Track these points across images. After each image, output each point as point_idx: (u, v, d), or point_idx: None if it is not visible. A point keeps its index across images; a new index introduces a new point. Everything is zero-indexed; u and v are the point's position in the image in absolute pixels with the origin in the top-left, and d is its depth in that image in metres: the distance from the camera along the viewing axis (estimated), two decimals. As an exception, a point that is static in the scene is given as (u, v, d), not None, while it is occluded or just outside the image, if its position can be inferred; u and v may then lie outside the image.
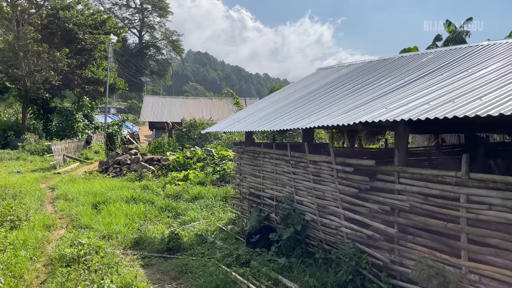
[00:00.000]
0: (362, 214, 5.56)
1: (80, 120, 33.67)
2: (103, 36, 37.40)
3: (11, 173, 20.87)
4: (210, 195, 11.25)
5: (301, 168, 6.74)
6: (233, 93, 30.56)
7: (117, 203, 10.36)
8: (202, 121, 25.37)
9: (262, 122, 7.68)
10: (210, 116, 31.43)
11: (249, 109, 10.05)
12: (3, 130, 29.76)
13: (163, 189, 13.23)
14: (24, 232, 7.28)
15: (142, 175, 15.72)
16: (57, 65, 30.86)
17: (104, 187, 13.16)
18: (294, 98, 8.80)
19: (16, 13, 29.20)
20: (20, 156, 25.48)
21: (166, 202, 10.65)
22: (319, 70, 11.24)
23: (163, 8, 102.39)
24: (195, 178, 14.07)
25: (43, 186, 16.58)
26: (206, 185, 13.52)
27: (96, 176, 16.33)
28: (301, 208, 6.87)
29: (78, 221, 8.84)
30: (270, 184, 7.89)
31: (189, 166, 15.96)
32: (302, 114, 6.93)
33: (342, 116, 5.67)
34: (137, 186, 13.70)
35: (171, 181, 14.11)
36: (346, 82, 8.27)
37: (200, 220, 9.33)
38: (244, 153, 8.93)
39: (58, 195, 12.77)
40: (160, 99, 40.55)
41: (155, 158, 17.62)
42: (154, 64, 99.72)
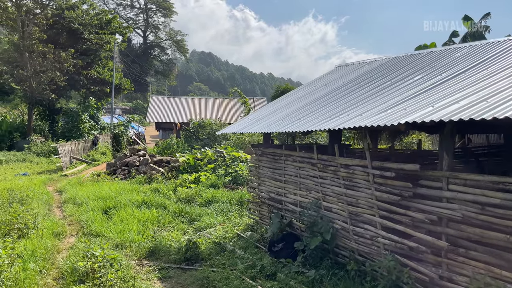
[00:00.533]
0: (402, 224, 5.05)
1: (86, 121, 33.34)
2: (109, 36, 37.07)
3: (17, 176, 20.53)
4: (225, 199, 10.77)
5: (330, 172, 6.24)
6: (241, 93, 30.10)
7: (128, 208, 9.91)
8: (210, 121, 24.92)
9: (284, 123, 7.19)
10: (218, 116, 30.98)
11: (265, 109, 9.55)
12: (9, 131, 29.49)
13: (174, 192, 12.78)
14: (32, 241, 6.84)
15: (151, 177, 15.27)
16: (63, 65, 30.54)
17: (113, 190, 12.72)
18: (315, 97, 8.30)
19: (21, 13, 28.91)
20: (26, 158, 25.17)
21: (179, 206, 10.18)
22: (338, 68, 10.72)
23: (167, 8, 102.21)
24: (207, 181, 13.60)
25: (50, 189, 16.20)
26: (218, 187, 13.05)
27: (104, 179, 15.91)
28: (330, 216, 6.37)
29: (88, 228, 8.39)
30: (293, 189, 7.39)
31: (199, 168, 15.50)
32: (330, 114, 6.43)
33: (380, 115, 5.16)
34: (147, 189, 13.26)
35: (182, 183, 13.66)
36: (372, 80, 7.75)
37: (216, 226, 8.85)
38: (263, 155, 8.44)
39: (66, 199, 12.35)
40: (166, 99, 40.15)
41: (164, 160, 17.18)
42: (158, 65, 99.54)
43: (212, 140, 23.62)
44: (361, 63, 9.96)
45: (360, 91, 7.30)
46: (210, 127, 24.43)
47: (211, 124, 24.70)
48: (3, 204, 11.64)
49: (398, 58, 8.86)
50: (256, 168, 8.76)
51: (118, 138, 33.68)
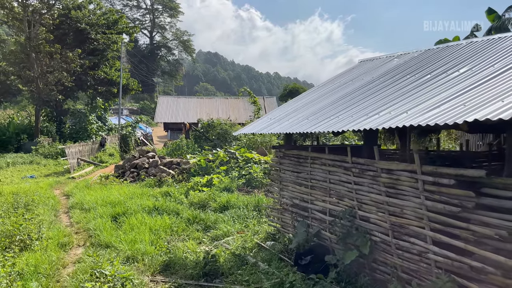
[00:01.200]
0: (461, 239, 4.31)
1: (93, 122, 32.91)
2: (116, 35, 36.60)
3: (24, 178, 20.06)
4: (241, 204, 10.08)
5: (368, 177, 5.52)
6: (250, 92, 29.41)
7: (138, 215, 9.27)
8: (220, 121, 24.27)
9: (310, 122, 6.48)
10: (228, 116, 30.33)
11: (285, 108, 8.84)
12: (16, 133, 29.13)
13: (186, 196, 12.14)
14: (35, 254, 6.21)
15: (161, 180, 14.65)
16: (70, 65, 30.10)
17: (122, 194, 12.11)
18: (342, 94, 7.57)
19: (28, 14, 28.51)
20: (34, 160, 24.74)
21: (192, 212, 9.52)
22: (362, 62, 9.98)
23: (173, 8, 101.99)
24: (220, 184, 12.93)
25: (57, 193, 15.65)
26: (232, 191, 12.38)
27: (113, 182, 15.32)
28: (367, 226, 5.65)
29: (96, 238, 7.75)
30: (321, 195, 6.67)
31: (211, 170, 14.84)
32: (366, 111, 5.71)
33: (433, 112, 4.43)
34: (157, 192, 12.63)
35: (193, 186, 13.01)
36: (407, 74, 7.01)
37: (234, 235, 8.17)
38: (285, 157, 7.74)
39: (74, 204, 11.76)
40: (174, 99, 39.60)
41: (174, 162, 16.55)
42: (165, 65, 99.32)
43: (222, 141, 22.95)
44: (388, 57, 9.21)
45: (395, 86, 6.57)
46: (220, 127, 23.77)
47: (220, 124, 24.03)
48: (7, 210, 11.09)
49: (432, 50, 8.10)
50: (277, 171, 8.06)
51: (125, 139, 33.19)
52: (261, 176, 13.48)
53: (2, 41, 28.52)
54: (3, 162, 23.39)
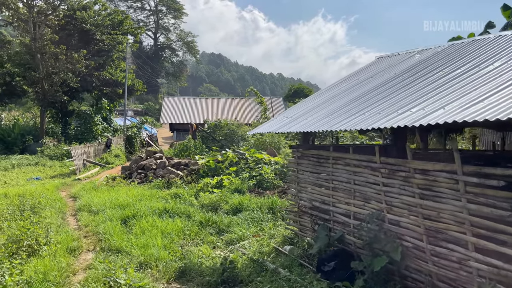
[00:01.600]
0: (509, 246, 3.94)
1: (98, 123, 32.71)
2: (121, 36, 36.43)
3: (29, 180, 19.83)
4: (254, 206, 9.73)
5: (399, 178, 5.15)
6: (257, 92, 29.08)
7: (149, 217, 8.95)
8: (227, 122, 23.94)
9: (333, 120, 6.13)
10: (234, 116, 30.01)
11: (301, 106, 8.49)
12: (21, 134, 28.96)
13: (196, 197, 11.82)
14: (44, 260, 5.90)
15: (170, 181, 14.33)
16: (75, 66, 29.93)
17: (131, 196, 11.80)
18: (363, 91, 7.21)
19: (33, 14, 28.37)
20: (39, 162, 24.53)
21: (205, 215, 9.18)
22: (380, 59, 9.61)
23: (177, 9, 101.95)
24: (230, 185, 12.60)
25: (64, 195, 15.38)
26: (243, 193, 12.04)
27: (120, 183, 15.02)
28: (397, 231, 5.28)
29: (107, 242, 7.43)
30: (345, 197, 6.31)
31: (221, 171, 14.51)
32: (394, 108, 5.35)
33: (475, 107, 4.07)
34: (166, 194, 12.31)
35: (203, 188, 12.68)
36: (434, 69, 6.63)
37: (249, 239, 7.82)
38: (303, 158, 7.39)
39: (81, 206, 11.46)
40: (180, 100, 39.33)
41: (183, 162, 16.23)
42: (169, 66, 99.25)
43: (229, 141, 22.62)
44: (408, 53, 8.83)
45: (422, 81, 6.20)
46: (227, 127, 23.44)
47: (227, 124, 23.71)
48: (14, 213, 10.82)
49: (456, 45, 7.71)
50: (295, 172, 7.70)
51: (131, 140, 32.94)
52: (272, 177, 13.13)
53: (7, 42, 28.37)
54: (9, 164, 23.19)
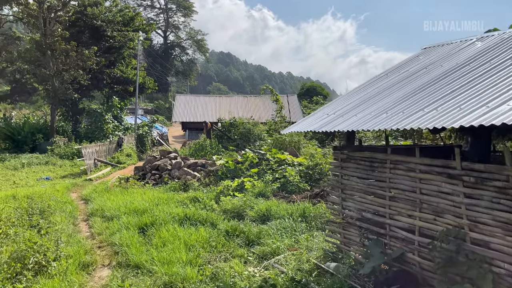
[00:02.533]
0: None
1: (109, 121, 32.00)
2: (132, 33, 35.69)
3: (39, 180, 19.13)
4: (283, 213, 8.77)
5: (491, 189, 4.14)
6: (273, 90, 28.09)
7: (169, 226, 8.04)
8: (242, 120, 23.01)
9: (395, 116, 5.13)
10: (248, 114, 29.06)
11: (342, 102, 7.48)
12: (31, 133, 28.35)
13: (217, 202, 10.89)
14: (53, 281, 5.01)
15: (186, 183, 13.44)
16: (86, 63, 29.25)
17: (146, 200, 10.92)
18: (420, 83, 6.19)
19: (43, 10, 27.74)
20: (49, 161, 23.87)
21: (231, 224, 8.23)
22: (428, 49, 8.56)
23: (187, 7, 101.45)
24: (253, 188, 11.66)
25: (74, 196, 14.59)
26: (268, 197, 11.10)
27: (134, 185, 14.18)
28: (484, 253, 4.27)
29: (124, 256, 6.53)
30: (407, 209, 5.31)
31: (240, 173, 13.58)
32: (479, 101, 4.35)
33: None
34: (184, 198, 11.40)
35: (223, 191, 11.76)
36: (508, 57, 5.60)
37: (285, 252, 6.86)
38: (350, 160, 6.40)
39: (93, 210, 10.61)
40: (192, 98, 38.44)
41: (199, 163, 15.33)
42: (179, 65, 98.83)
43: (245, 141, 21.70)
44: (464, 41, 7.77)
45: (501, 72, 5.17)
46: (243, 126, 22.51)
47: (243, 123, 22.78)
48: (21, 217, 10.02)
49: (527, 30, 6.66)
50: (338, 177, 6.71)
51: (142, 139, 32.25)
52: (297, 180, 12.16)
53: (17, 38, 27.80)
54: (18, 163, 22.56)
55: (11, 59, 27.96)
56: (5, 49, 27.21)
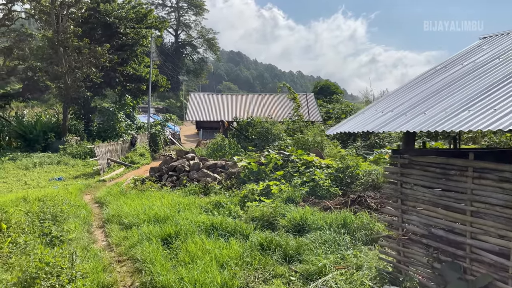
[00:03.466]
0: None
1: (122, 120, 31.35)
2: (145, 30, 35.00)
3: (51, 180, 18.48)
4: (321, 223, 7.83)
5: None
6: (290, 87, 27.13)
7: (195, 237, 7.16)
8: (260, 119, 22.10)
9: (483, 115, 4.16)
10: (264, 113, 28.15)
11: (395, 98, 6.50)
12: (43, 131, 27.82)
13: (242, 207, 10.01)
14: (69, 312, 4.17)
15: (207, 186, 12.58)
16: (99, 61, 28.60)
17: (166, 205, 10.08)
18: (500, 75, 5.20)
19: (55, 6, 27.16)
20: (61, 160, 23.25)
21: (264, 235, 7.31)
22: (489, 38, 7.53)
23: (198, 6, 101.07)
24: (280, 193, 10.74)
25: (88, 199, 13.85)
26: (297, 202, 10.20)
27: (151, 187, 13.37)
28: None
29: (148, 274, 5.67)
30: (498, 228, 4.33)
31: (264, 175, 12.67)
32: None
33: None
34: (207, 203, 10.53)
35: (248, 196, 10.86)
36: None
37: (332, 271, 5.92)
38: (412, 166, 5.43)
39: (109, 216, 9.80)
40: (206, 96, 37.61)
41: (219, 164, 14.46)
42: (190, 63, 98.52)
43: (263, 140, 20.79)
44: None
45: None
46: (260, 125, 21.60)
47: (260, 122, 21.86)
48: (33, 223, 9.25)
49: None
50: (396, 185, 5.74)
51: (155, 138, 31.56)
52: (328, 184, 11.20)
53: (29, 35, 27.28)
54: (30, 163, 21.98)
55: (23, 56, 27.44)
56: (17, 46, 26.69)
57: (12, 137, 29.12)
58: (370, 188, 11.43)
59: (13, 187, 16.72)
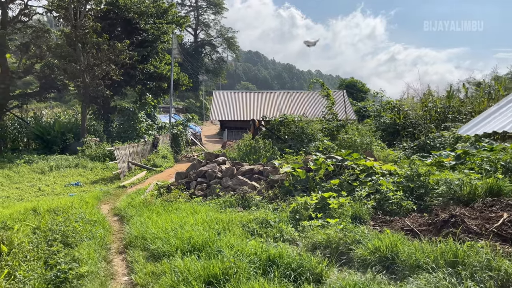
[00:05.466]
0: None
1: (142, 120, 29.76)
2: (166, 25, 33.34)
3: (67, 186, 16.83)
4: (419, 256, 5.63)
5: None
6: (323, 83, 24.85)
7: (252, 280, 5.09)
8: (294, 118, 19.97)
9: None
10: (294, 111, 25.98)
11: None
12: (61, 132, 26.43)
13: (295, 227, 7.91)
14: None
15: (245, 196, 10.53)
16: (118, 57, 27.04)
17: (201, 223, 8.07)
18: None
19: (73, 1, 25.71)
20: (79, 163, 21.69)
21: (351, 281, 5.17)
22: None
23: (218, 4, 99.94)
24: (342, 209, 8.57)
25: (106, 210, 12.03)
26: (365, 221, 8.03)
27: (178, 197, 11.42)
28: None
29: None
30: None
31: (314, 184, 10.52)
32: None
33: None
34: (249, 219, 8.45)
35: (299, 211, 8.74)
36: None
37: None
38: None
39: (132, 238, 7.85)
40: (230, 94, 35.59)
41: (256, 170, 12.40)
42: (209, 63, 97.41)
43: (298, 141, 18.65)
44: None
45: None
46: (294, 124, 19.46)
47: (294, 121, 19.73)
48: (38, 246, 7.42)
49: None
50: None
51: (176, 139, 29.86)
52: (399, 197, 8.96)
53: (46, 31, 25.95)
54: (46, 166, 20.48)
55: (40, 54, 26.11)
56: (34, 42, 25.37)
57: (30, 139, 27.92)
58: (451, 202, 9.15)
59: (25, 194, 15.12)
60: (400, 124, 21.77)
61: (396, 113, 21.92)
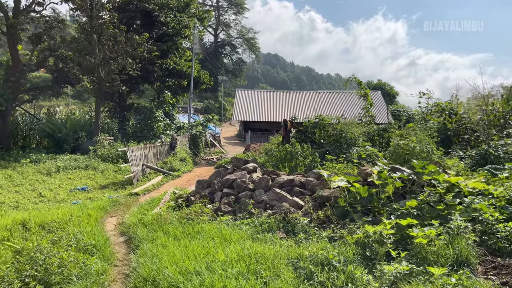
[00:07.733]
0: None
1: (160, 119, 27.67)
2: (187, 19, 31.27)
3: (72, 191, 14.72)
4: None
5: None
6: (361, 82, 22.24)
7: None
8: (330, 120, 17.43)
9: None
10: (341, 112, 23.41)
11: None
12: (73, 130, 24.54)
13: (372, 273, 5.47)
14: None
15: (287, 217, 8.08)
16: (136, 50, 25.04)
17: (237, 260, 5.67)
18: None
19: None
20: (90, 164, 19.66)
21: None
22: None
23: (239, 4, 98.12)
24: (431, 244, 6.04)
25: (112, 225, 9.78)
26: (470, 263, 5.53)
27: (201, 213, 9.06)
28: None
29: None
30: None
31: (378, 205, 7.99)
32: None
33: None
34: (302, 256, 6.02)
35: (370, 246, 6.27)
36: None
37: None
38: None
39: (138, 281, 5.51)
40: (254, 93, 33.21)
41: (297, 181, 9.93)
42: (229, 64, 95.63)
43: (337, 146, 16.11)
44: None
45: None
46: (331, 127, 16.93)
47: (331, 123, 17.20)
48: (9, 286, 5.20)
49: None
50: None
51: (195, 140, 27.67)
52: (507, 229, 6.37)
53: (60, 21, 24.21)
54: (53, 166, 18.51)
55: (54, 46, 24.35)
56: (47, 33, 23.62)
57: (41, 136, 26.20)
58: None
59: (23, 199, 13.07)
60: (452, 130, 18.97)
61: (448, 117, 19.13)
